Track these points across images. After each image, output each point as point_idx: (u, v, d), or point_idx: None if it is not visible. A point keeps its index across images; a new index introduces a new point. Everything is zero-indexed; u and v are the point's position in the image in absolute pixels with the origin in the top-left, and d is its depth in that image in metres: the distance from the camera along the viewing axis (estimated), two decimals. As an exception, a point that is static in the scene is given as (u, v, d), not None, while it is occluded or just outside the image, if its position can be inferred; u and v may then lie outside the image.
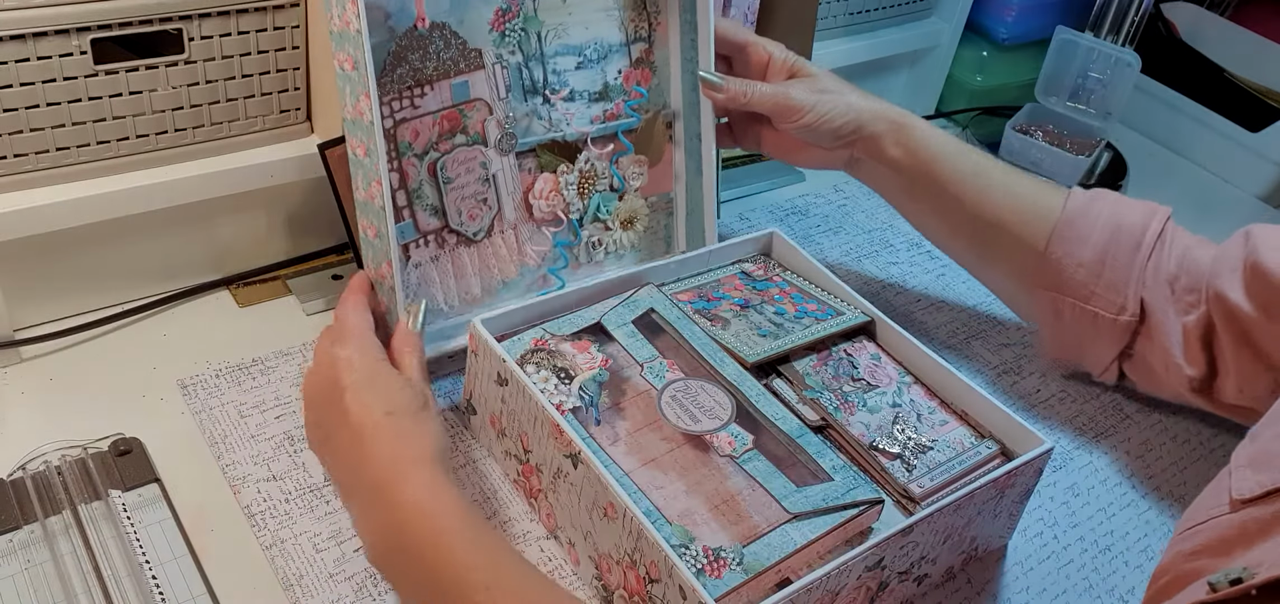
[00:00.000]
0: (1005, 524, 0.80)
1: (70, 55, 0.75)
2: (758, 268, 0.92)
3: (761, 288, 0.89)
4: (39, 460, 0.73)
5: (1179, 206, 1.33)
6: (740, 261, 0.93)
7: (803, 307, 0.87)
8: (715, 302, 0.86)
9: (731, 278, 0.90)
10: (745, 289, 0.89)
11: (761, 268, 0.92)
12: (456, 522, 0.61)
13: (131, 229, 0.84)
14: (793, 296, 0.89)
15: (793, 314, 0.86)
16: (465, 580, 0.59)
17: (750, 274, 0.91)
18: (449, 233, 0.84)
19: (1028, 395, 0.97)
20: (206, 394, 0.81)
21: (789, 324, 0.85)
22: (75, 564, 0.66)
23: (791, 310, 0.86)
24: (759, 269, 0.92)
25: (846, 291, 0.89)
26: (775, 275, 0.91)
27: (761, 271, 0.92)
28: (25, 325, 0.84)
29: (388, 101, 0.79)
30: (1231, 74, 1.41)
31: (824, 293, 0.90)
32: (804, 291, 0.90)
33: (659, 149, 0.95)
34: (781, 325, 0.84)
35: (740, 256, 0.93)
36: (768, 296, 0.88)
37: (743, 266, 0.92)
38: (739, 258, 0.93)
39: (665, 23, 0.92)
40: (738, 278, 0.90)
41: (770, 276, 0.91)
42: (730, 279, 0.90)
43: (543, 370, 0.76)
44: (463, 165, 0.84)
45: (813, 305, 0.88)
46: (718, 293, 0.88)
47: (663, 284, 0.87)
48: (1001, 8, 1.37)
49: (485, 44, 0.83)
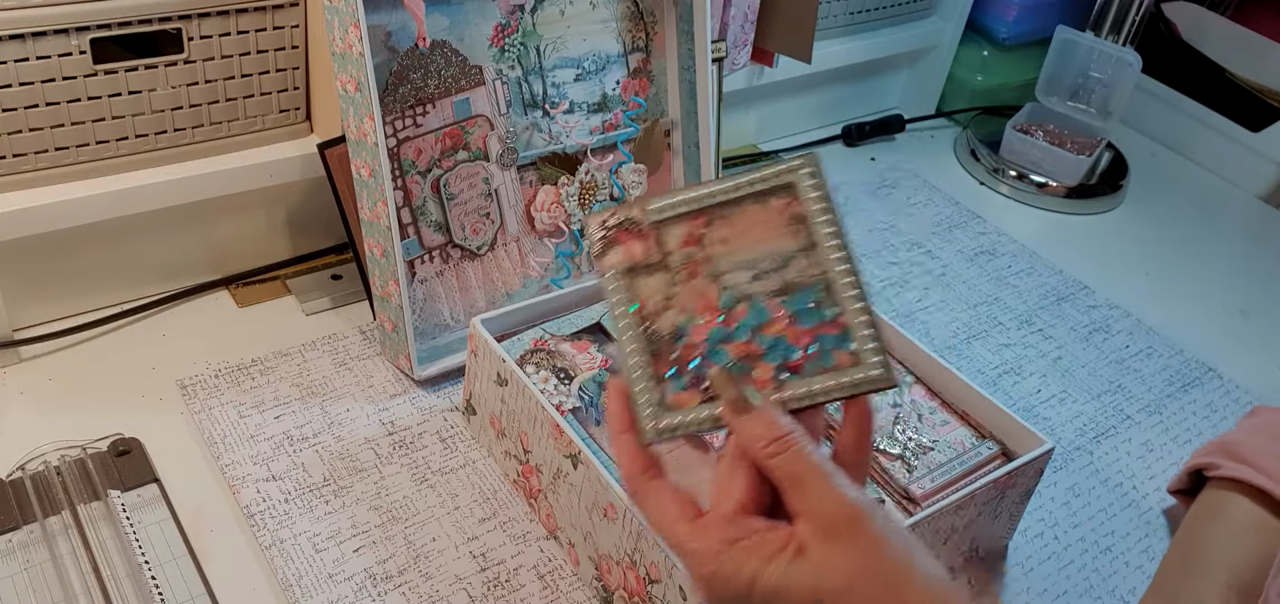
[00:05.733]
0: (1006, 525, 0.79)
1: (69, 55, 0.75)
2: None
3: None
4: (38, 460, 0.73)
5: (1179, 206, 1.34)
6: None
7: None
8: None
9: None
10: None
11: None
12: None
13: (131, 229, 0.84)
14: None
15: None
16: None
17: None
18: (453, 248, 0.85)
19: (1028, 396, 0.97)
20: (206, 394, 0.81)
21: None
22: (74, 564, 0.66)
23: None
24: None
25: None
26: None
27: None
28: (25, 325, 0.84)
29: (391, 121, 0.79)
30: (1232, 73, 1.41)
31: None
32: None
33: (658, 157, 0.95)
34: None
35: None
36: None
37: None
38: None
39: (662, 32, 0.92)
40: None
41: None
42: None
43: (543, 370, 0.76)
44: (465, 181, 0.84)
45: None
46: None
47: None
48: (1002, 7, 1.36)
49: (485, 60, 0.83)
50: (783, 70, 1.18)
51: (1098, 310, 1.10)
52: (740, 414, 0.49)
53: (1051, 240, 1.21)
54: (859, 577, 0.45)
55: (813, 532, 0.46)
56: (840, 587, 0.45)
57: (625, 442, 0.52)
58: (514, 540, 0.74)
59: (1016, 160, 1.29)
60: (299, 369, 0.84)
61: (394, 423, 0.81)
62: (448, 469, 0.78)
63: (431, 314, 0.85)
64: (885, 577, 0.45)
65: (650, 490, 0.51)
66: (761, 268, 0.53)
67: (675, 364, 0.52)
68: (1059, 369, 1.01)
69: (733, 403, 0.50)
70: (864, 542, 0.45)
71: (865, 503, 0.46)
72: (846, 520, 0.46)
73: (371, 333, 0.89)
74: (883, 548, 0.45)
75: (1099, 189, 1.30)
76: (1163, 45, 1.45)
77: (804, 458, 0.47)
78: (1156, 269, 1.19)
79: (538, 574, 0.72)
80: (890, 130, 1.35)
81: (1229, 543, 0.73)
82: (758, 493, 0.49)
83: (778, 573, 0.46)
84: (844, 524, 0.46)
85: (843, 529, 0.46)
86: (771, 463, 0.48)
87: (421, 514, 0.75)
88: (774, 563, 0.46)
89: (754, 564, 0.46)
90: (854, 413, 0.52)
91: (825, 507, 0.46)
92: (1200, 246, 1.26)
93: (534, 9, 0.85)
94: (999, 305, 1.08)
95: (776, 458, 0.47)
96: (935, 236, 1.17)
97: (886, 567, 0.45)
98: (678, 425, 0.51)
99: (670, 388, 0.51)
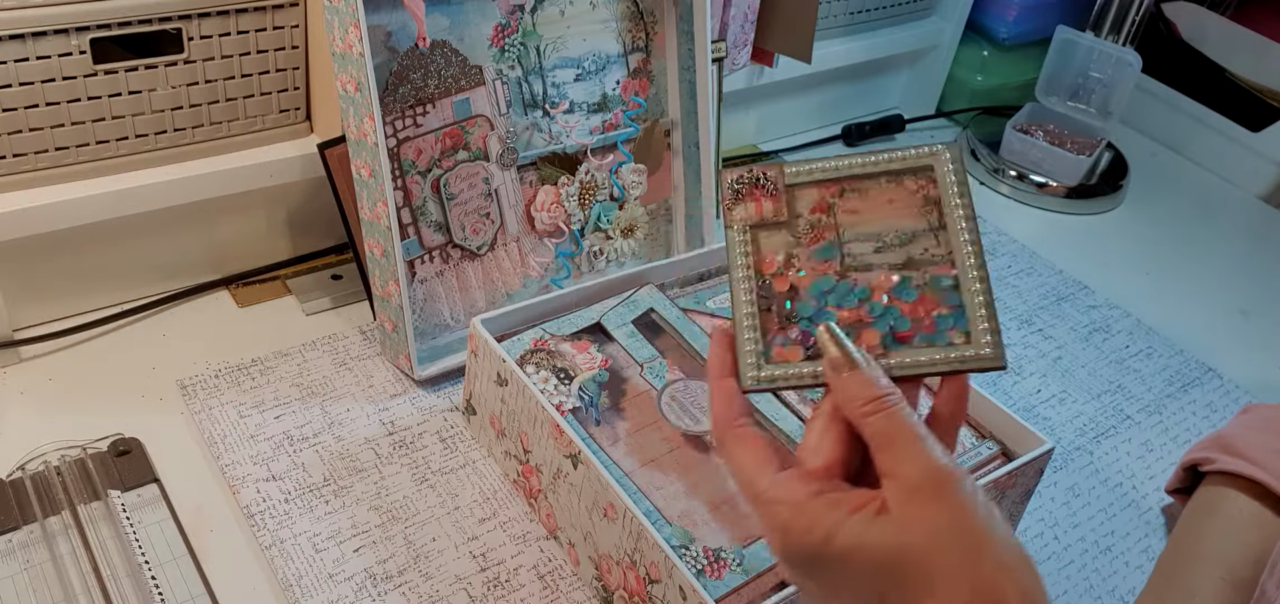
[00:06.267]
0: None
1: (69, 55, 0.75)
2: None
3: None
4: (38, 460, 0.73)
5: (1179, 206, 1.34)
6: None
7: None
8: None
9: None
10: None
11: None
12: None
13: (131, 229, 0.84)
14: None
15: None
16: None
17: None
18: (453, 248, 0.85)
19: (1028, 396, 0.97)
20: (206, 394, 0.81)
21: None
22: (74, 564, 0.66)
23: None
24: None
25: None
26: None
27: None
28: (25, 325, 0.84)
29: (391, 121, 0.79)
30: (1232, 73, 1.41)
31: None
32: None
33: (658, 157, 0.95)
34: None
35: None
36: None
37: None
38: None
39: (662, 32, 0.92)
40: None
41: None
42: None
43: (543, 370, 0.76)
44: (465, 181, 0.84)
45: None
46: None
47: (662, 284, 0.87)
48: (1002, 7, 1.36)
49: (485, 60, 0.84)
50: (783, 70, 1.18)
51: (1098, 310, 1.10)
52: (841, 372, 0.49)
53: (1051, 240, 1.21)
54: (940, 537, 0.44)
55: (898, 491, 0.45)
56: (920, 545, 0.44)
57: (723, 387, 0.52)
58: (514, 540, 0.74)
59: (1016, 160, 1.29)
60: (299, 369, 0.84)
61: (394, 423, 0.81)
62: (448, 469, 0.78)
63: (431, 314, 0.85)
64: (965, 538, 0.44)
65: (738, 438, 0.50)
66: (886, 242, 0.54)
67: (784, 319, 0.53)
68: (1059, 369, 1.01)
69: (835, 361, 0.49)
70: (949, 503, 0.45)
71: (955, 468, 0.46)
72: (934, 482, 0.45)
73: (371, 333, 0.89)
74: (966, 511, 0.45)
75: (1099, 189, 1.30)
76: (1163, 45, 1.45)
77: (899, 419, 0.47)
78: (1156, 269, 1.19)
79: (538, 574, 0.72)
80: (890, 130, 1.35)
81: (1225, 537, 0.73)
82: (847, 455, 0.49)
83: (857, 529, 0.45)
84: (930, 484, 0.45)
85: (928, 489, 0.45)
86: (867, 422, 0.47)
87: (421, 514, 0.75)
88: (854, 518, 0.46)
89: (833, 518, 0.46)
90: (952, 385, 0.52)
91: (914, 468, 0.46)
92: (1200, 246, 1.26)
93: (534, 9, 0.85)
94: (999, 305, 1.07)
95: (872, 417, 0.47)
96: (935, 236, 1.17)
97: (968, 527, 0.44)
98: (778, 377, 0.52)
99: (776, 341, 0.52)
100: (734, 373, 0.52)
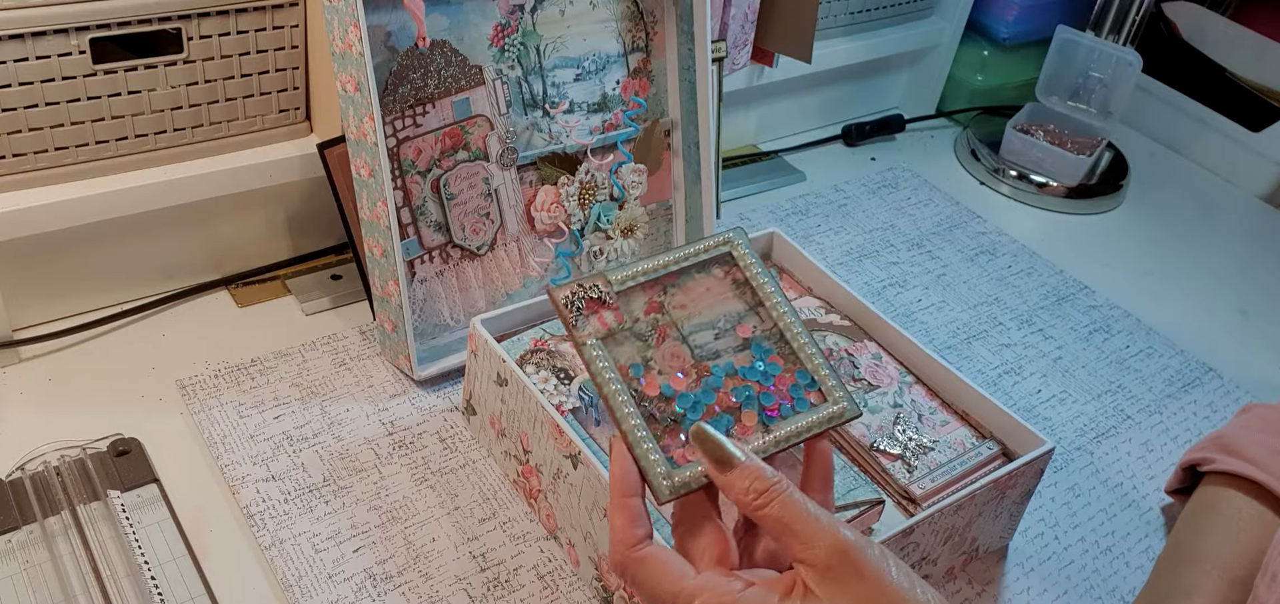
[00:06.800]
0: (1006, 525, 0.79)
1: (69, 55, 0.75)
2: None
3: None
4: (38, 461, 0.73)
5: (1179, 206, 1.34)
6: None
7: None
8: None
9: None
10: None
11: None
12: None
13: (131, 229, 0.84)
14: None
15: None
16: None
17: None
18: (453, 248, 0.85)
19: (1028, 395, 0.97)
20: (205, 394, 0.81)
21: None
22: (74, 565, 0.66)
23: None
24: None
25: (846, 292, 0.89)
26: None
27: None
28: (24, 325, 0.84)
29: (391, 121, 0.79)
30: (1232, 73, 1.41)
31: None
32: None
33: (657, 157, 0.95)
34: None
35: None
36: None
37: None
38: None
39: (662, 32, 0.92)
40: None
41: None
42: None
43: (543, 370, 0.76)
44: (465, 181, 0.84)
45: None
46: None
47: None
48: (1002, 7, 1.36)
49: (485, 60, 0.84)
50: (783, 70, 1.18)
51: (1098, 310, 1.10)
52: (725, 471, 0.50)
53: (1051, 240, 1.21)
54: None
55: (814, 574, 0.47)
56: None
57: (629, 507, 0.51)
58: (514, 540, 0.74)
59: (1016, 160, 1.29)
60: (299, 369, 0.84)
61: (394, 423, 0.81)
62: (448, 469, 0.78)
63: (431, 314, 0.85)
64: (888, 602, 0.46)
65: (640, 561, 0.50)
66: (720, 328, 0.58)
67: (672, 421, 0.54)
68: (1059, 369, 1.01)
69: (715, 460, 0.50)
70: (864, 575, 0.46)
71: (855, 538, 0.47)
72: (842, 558, 0.46)
73: (371, 333, 0.89)
74: (881, 579, 0.46)
75: (1099, 189, 1.30)
76: (1163, 45, 1.45)
77: (791, 504, 0.48)
78: (1156, 269, 1.19)
79: (538, 574, 0.72)
80: (890, 130, 1.35)
81: (1223, 536, 0.73)
82: (749, 542, 0.52)
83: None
84: (840, 563, 0.46)
85: (839, 567, 0.46)
86: (761, 513, 0.48)
87: (421, 514, 0.75)
88: (787, 603, 0.47)
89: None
90: (815, 455, 0.54)
91: (821, 549, 0.47)
92: (1200, 246, 1.26)
93: (534, 9, 0.85)
94: (999, 305, 1.08)
95: (766, 508, 0.48)
96: (935, 236, 1.17)
97: (888, 593, 0.46)
98: (689, 481, 0.52)
99: (674, 447, 0.53)
100: (639, 489, 0.52)
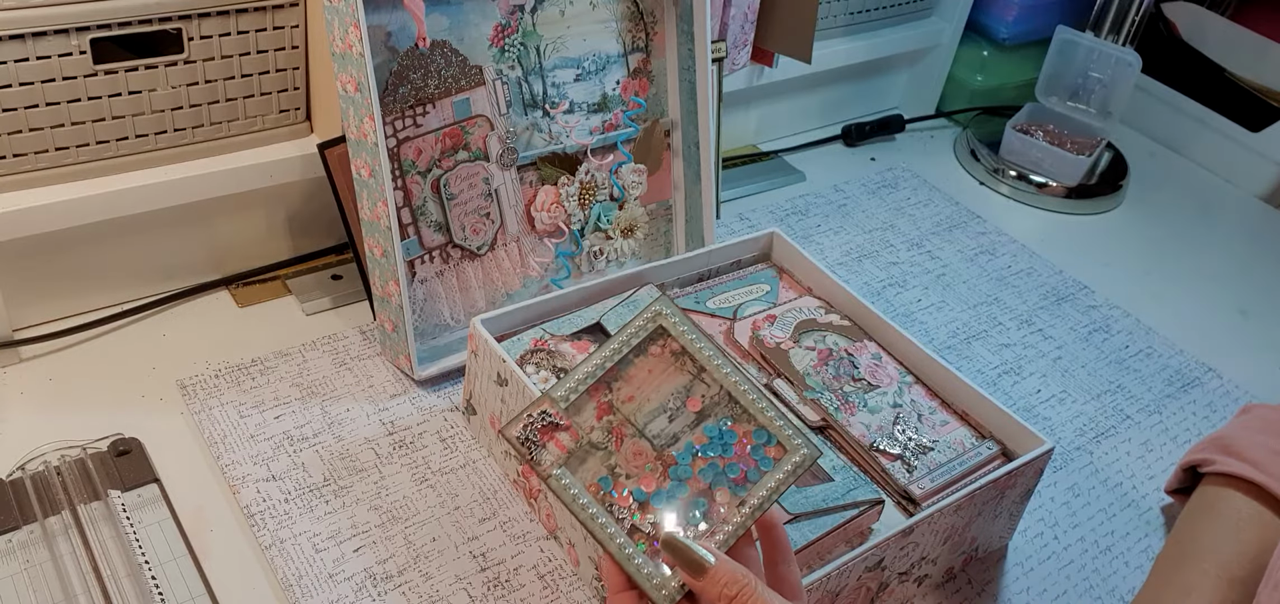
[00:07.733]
0: (1006, 525, 0.79)
1: (69, 55, 0.75)
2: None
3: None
4: (38, 461, 0.73)
5: (1179, 206, 1.34)
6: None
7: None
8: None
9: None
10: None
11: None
12: None
13: (131, 229, 0.84)
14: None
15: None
16: None
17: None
18: (453, 248, 0.85)
19: (1028, 396, 0.97)
20: (206, 394, 0.81)
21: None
22: (74, 564, 0.66)
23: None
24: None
25: (845, 292, 0.89)
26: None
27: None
28: (25, 325, 0.84)
29: (391, 121, 0.79)
30: (1232, 74, 1.41)
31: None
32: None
33: (657, 157, 0.95)
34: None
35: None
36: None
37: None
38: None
39: (662, 32, 0.92)
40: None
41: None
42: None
43: (543, 370, 0.76)
44: (465, 181, 0.84)
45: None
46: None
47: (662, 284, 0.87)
48: (1002, 7, 1.36)
49: (485, 60, 0.84)
50: (783, 70, 1.18)
51: (1098, 310, 1.10)
52: (698, 577, 0.52)
53: (1051, 240, 1.21)
54: None
55: None
56: None
57: (629, 599, 0.55)
58: (514, 540, 0.74)
59: (1016, 160, 1.29)
60: (299, 369, 0.84)
61: (394, 423, 0.81)
62: (448, 469, 0.78)
63: (431, 314, 0.85)
64: None
65: None
66: (671, 408, 0.57)
67: (652, 527, 0.55)
68: (1059, 369, 1.01)
69: (687, 568, 0.52)
70: None
71: None
72: None
73: (371, 333, 0.89)
74: None
75: (1099, 189, 1.30)
76: (1163, 45, 1.45)
77: (760, 601, 0.51)
78: (1156, 269, 1.19)
79: (538, 574, 0.72)
80: (890, 130, 1.35)
81: (1223, 536, 0.73)
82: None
83: None
84: None
85: None
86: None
87: (421, 514, 0.75)
88: None
89: None
90: (767, 530, 0.56)
91: None
92: (1200, 246, 1.26)
93: (534, 9, 0.85)
94: (999, 305, 1.08)
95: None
96: (935, 236, 1.17)
97: None
98: (685, 583, 0.54)
99: (662, 555, 0.54)
100: (631, 588, 0.54)
